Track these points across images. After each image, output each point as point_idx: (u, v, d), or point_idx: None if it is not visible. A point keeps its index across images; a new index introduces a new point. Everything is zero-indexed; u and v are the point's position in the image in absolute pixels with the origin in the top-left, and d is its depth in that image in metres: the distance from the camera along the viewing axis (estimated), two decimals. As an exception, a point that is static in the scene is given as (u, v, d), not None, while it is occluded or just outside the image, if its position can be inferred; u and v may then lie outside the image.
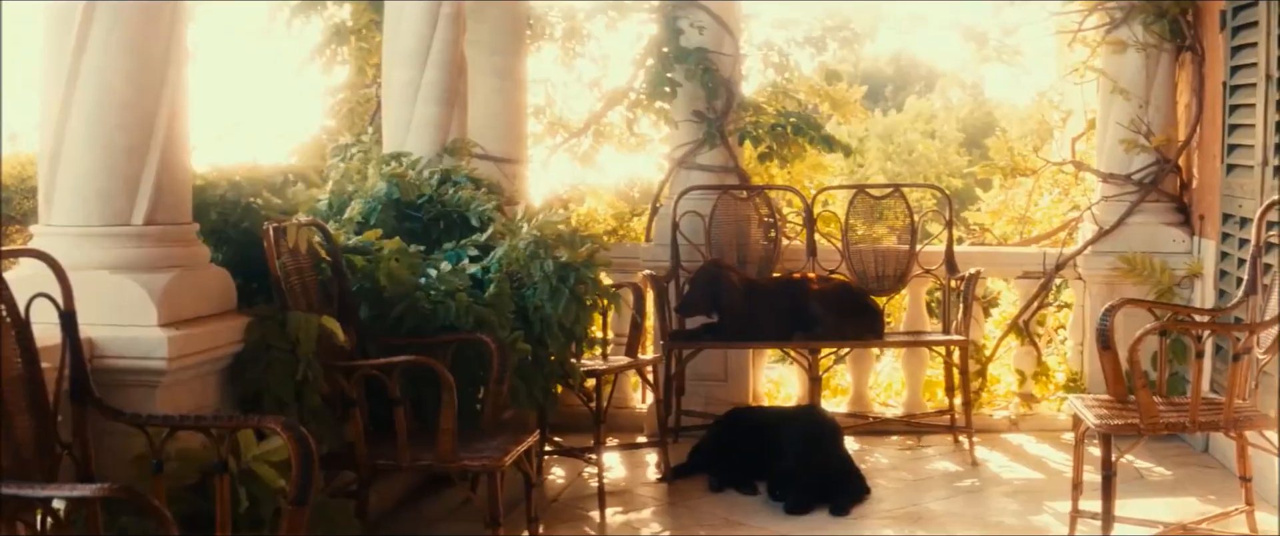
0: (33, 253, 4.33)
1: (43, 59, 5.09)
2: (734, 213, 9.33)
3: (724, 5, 9.67)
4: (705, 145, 9.57)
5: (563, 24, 10.75)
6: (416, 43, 8.13)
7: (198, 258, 5.35)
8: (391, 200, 7.13)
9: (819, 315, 8.52)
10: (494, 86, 9.23)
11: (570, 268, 6.81)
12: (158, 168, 5.08)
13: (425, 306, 6.32)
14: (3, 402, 3.88)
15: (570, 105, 11.04)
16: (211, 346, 5.20)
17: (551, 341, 6.85)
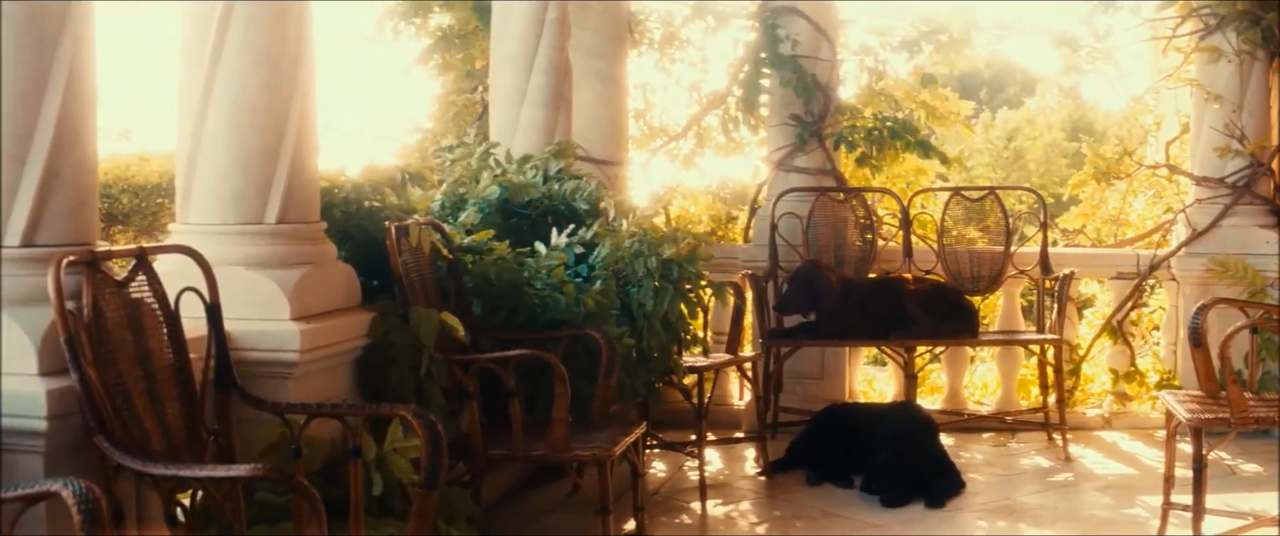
0: (181, 249, 4.59)
1: (180, 66, 5.37)
2: (831, 214, 9.53)
3: (821, 11, 9.86)
4: (803, 149, 9.77)
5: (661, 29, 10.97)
6: (523, 48, 8.37)
7: (326, 255, 5.61)
8: (501, 201, 7.37)
9: (915, 314, 8.69)
10: (596, 91, 9.47)
11: (673, 263, 7.02)
12: (289, 169, 5.34)
13: (533, 302, 6.55)
14: (157, 390, 4.16)
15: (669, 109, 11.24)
16: (339, 340, 5.46)
17: (655, 337, 7.06)
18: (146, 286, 4.29)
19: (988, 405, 9.95)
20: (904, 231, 9.62)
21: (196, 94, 5.29)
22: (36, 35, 3.98)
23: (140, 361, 4.13)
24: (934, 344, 9.01)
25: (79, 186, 4.12)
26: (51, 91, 3.99)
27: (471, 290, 6.49)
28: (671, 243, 7.11)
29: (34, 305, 3.94)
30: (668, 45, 10.94)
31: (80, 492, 3.11)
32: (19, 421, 3.82)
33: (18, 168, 3.96)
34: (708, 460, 8.12)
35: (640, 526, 6.49)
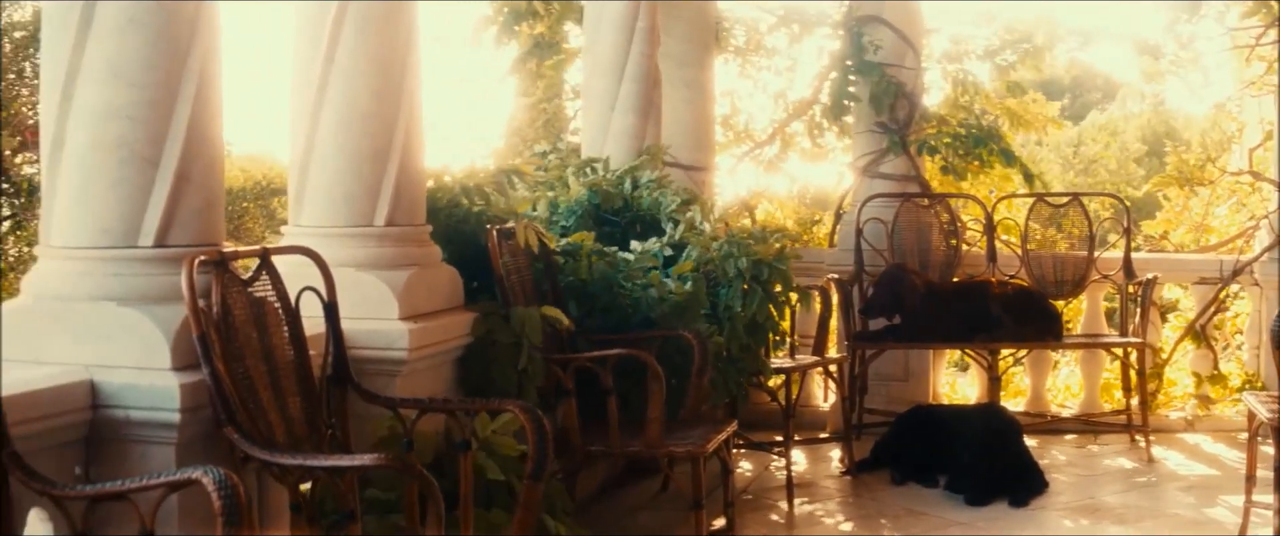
0: (301, 250, 4.74)
1: (293, 73, 5.54)
2: (916, 220, 9.62)
3: (906, 20, 9.96)
4: (887, 155, 9.88)
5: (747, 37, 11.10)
6: (614, 56, 8.52)
7: (431, 257, 5.76)
8: (592, 206, 7.52)
9: (999, 317, 8.76)
10: (684, 97, 9.60)
11: (763, 264, 7.14)
12: (396, 172, 5.49)
13: (626, 303, 6.69)
14: (280, 385, 4.32)
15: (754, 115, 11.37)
16: (444, 339, 5.61)
17: (744, 338, 7.19)
18: (269, 285, 4.45)
19: (1071, 408, 9.99)
20: (988, 236, 9.68)
21: (309, 100, 5.45)
22: (169, 45, 4.13)
23: (264, 357, 4.29)
24: (1018, 347, 9.09)
25: (207, 189, 4.27)
26: (182, 98, 4.14)
27: (566, 291, 6.62)
28: (760, 242, 7.24)
29: (166, 303, 4.08)
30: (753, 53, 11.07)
31: (220, 479, 3.27)
32: (153, 413, 3.96)
33: (151, 171, 4.12)
34: (794, 460, 8.23)
35: (730, 522, 6.60)
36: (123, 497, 3.44)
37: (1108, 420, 9.49)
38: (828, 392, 9.73)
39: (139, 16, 4.10)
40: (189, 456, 4.01)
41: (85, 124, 4.12)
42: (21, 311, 4.16)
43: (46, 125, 4.20)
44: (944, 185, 10.37)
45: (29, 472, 3.45)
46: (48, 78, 4.21)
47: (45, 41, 4.25)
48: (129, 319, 4.05)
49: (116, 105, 4.11)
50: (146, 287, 4.12)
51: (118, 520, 3.65)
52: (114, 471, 3.93)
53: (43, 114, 4.24)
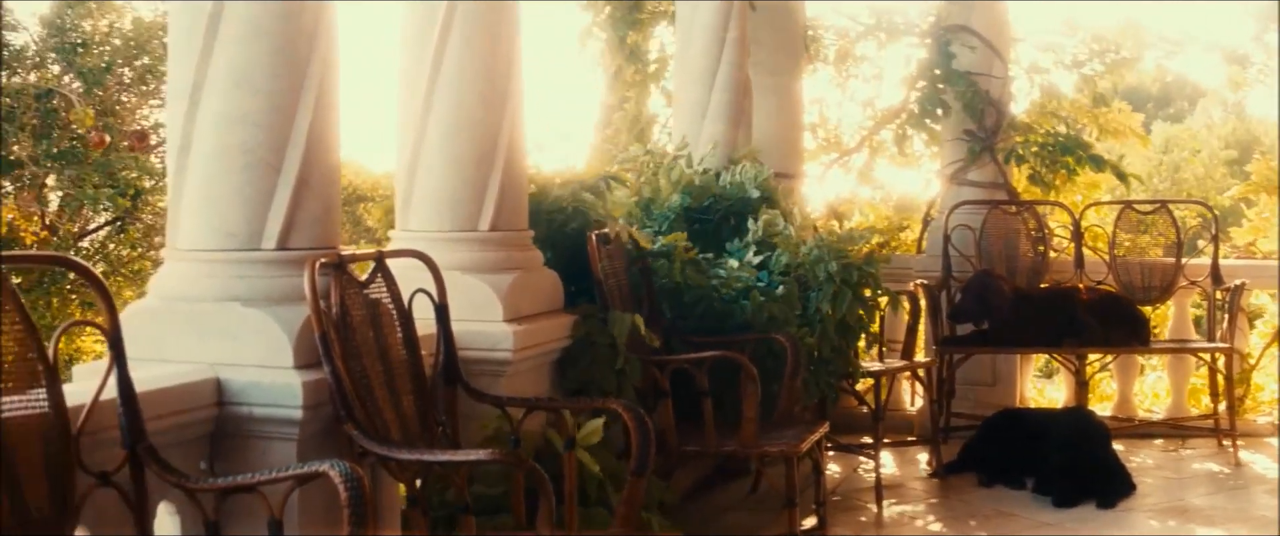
0: (414, 253, 4.86)
1: (400, 81, 5.65)
2: (1003, 227, 9.62)
3: (993, 30, 9.98)
4: (975, 163, 9.90)
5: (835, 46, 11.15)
6: (705, 65, 8.59)
7: (533, 261, 5.86)
8: (683, 208, 7.59)
9: (1086, 322, 8.77)
10: (773, 105, 9.64)
11: (852, 267, 7.19)
12: (501, 178, 5.59)
13: (718, 306, 6.77)
14: (394, 383, 4.43)
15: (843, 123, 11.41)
16: (545, 341, 5.71)
17: (834, 340, 7.24)
18: (383, 287, 4.56)
19: (1158, 413, 9.97)
20: (1075, 243, 9.67)
21: (416, 107, 5.56)
22: (290, 54, 4.25)
23: (380, 356, 4.39)
24: (1105, 351, 9.09)
25: (326, 194, 4.38)
26: (303, 106, 4.26)
27: (660, 294, 6.70)
28: (850, 244, 7.29)
29: (288, 304, 4.19)
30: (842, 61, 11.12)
31: (346, 472, 3.37)
32: (276, 410, 4.07)
33: (274, 177, 4.23)
34: (882, 462, 8.28)
35: (822, 522, 6.66)
36: (252, 490, 3.55)
37: (1195, 424, 9.46)
38: (914, 396, 9.77)
39: (263, 26, 4.21)
40: (308, 452, 4.11)
41: (211, 130, 4.24)
42: (149, 312, 4.28)
43: (173, 132, 4.33)
44: (1030, 192, 10.37)
45: (164, 465, 3.56)
46: (174, 86, 4.33)
47: (172, 51, 4.39)
48: (253, 319, 4.16)
49: (240, 112, 4.22)
50: (269, 289, 4.23)
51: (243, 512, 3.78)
52: (237, 466, 4.04)
53: (169, 121, 4.36)
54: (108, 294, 3.54)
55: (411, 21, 5.64)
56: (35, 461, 3.20)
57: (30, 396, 3.24)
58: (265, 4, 4.21)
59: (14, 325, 3.23)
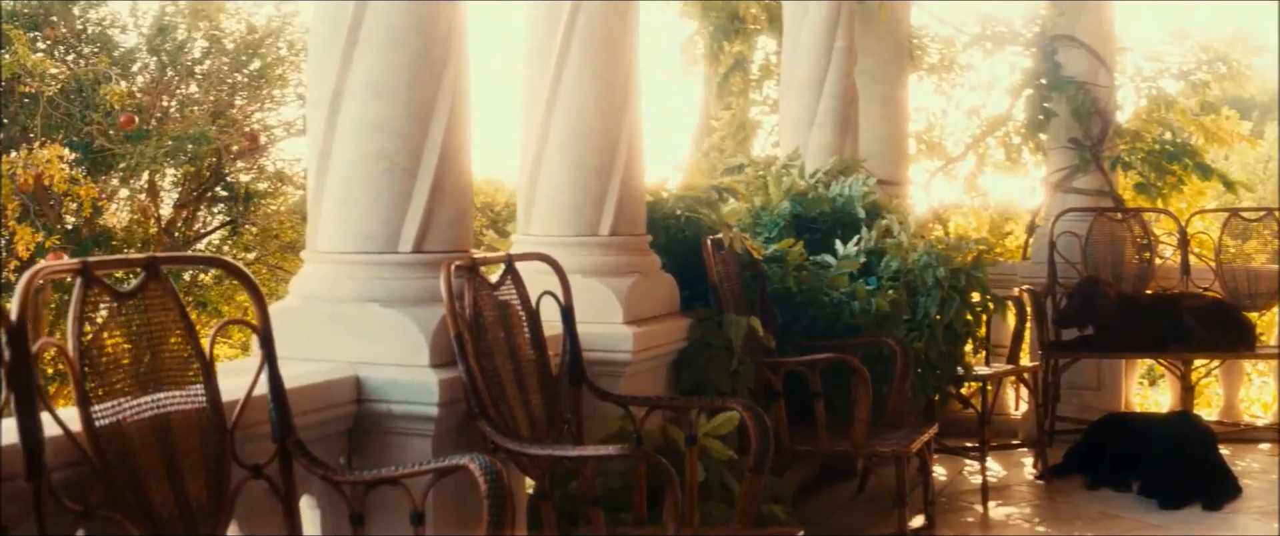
0: (540, 257, 4.95)
1: (523, 91, 5.74)
2: (1109, 234, 9.58)
3: (1100, 39, 9.94)
4: (1080, 171, 9.86)
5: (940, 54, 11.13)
6: (812, 74, 8.64)
7: (651, 265, 5.93)
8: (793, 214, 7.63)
9: (1192, 328, 8.72)
10: (879, 113, 9.67)
11: (960, 272, 7.22)
12: (620, 185, 5.65)
13: (829, 310, 6.81)
14: (524, 382, 4.52)
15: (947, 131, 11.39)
16: (663, 343, 5.78)
17: (942, 345, 7.26)
18: (513, 289, 4.66)
19: (1264, 418, 9.88)
20: (1182, 250, 9.61)
21: (538, 116, 5.64)
22: (426, 64, 4.34)
23: (510, 356, 4.48)
24: (1211, 357, 9.03)
25: (458, 199, 4.48)
26: (438, 114, 4.35)
27: (772, 298, 6.75)
28: (958, 251, 7.31)
29: (424, 305, 4.28)
30: (946, 70, 11.11)
31: (486, 465, 3.46)
32: (413, 407, 4.16)
33: (410, 182, 4.33)
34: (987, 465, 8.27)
35: (930, 521, 6.69)
36: (395, 482, 3.65)
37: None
38: (1018, 401, 9.75)
39: (400, 37, 4.31)
40: (442, 447, 4.19)
41: (350, 138, 4.34)
42: (291, 311, 4.39)
43: (314, 139, 4.44)
44: (1136, 200, 10.31)
45: (312, 459, 3.66)
46: (315, 95, 4.45)
47: (312, 61, 4.50)
48: (391, 319, 4.26)
49: (378, 120, 4.32)
50: (405, 290, 4.32)
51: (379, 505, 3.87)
52: (374, 461, 4.13)
53: (310, 128, 4.48)
54: (260, 294, 3.65)
55: (533, 33, 5.73)
56: (194, 454, 3.30)
57: (190, 392, 3.35)
58: (403, 15, 4.31)
59: (175, 325, 3.35)
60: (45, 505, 2.88)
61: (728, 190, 7.02)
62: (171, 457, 3.22)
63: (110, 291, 3.18)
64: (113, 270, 3.31)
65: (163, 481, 3.18)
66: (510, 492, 3.45)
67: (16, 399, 2.82)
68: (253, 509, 3.63)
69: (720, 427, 5.19)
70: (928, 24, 11.12)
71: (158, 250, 16.43)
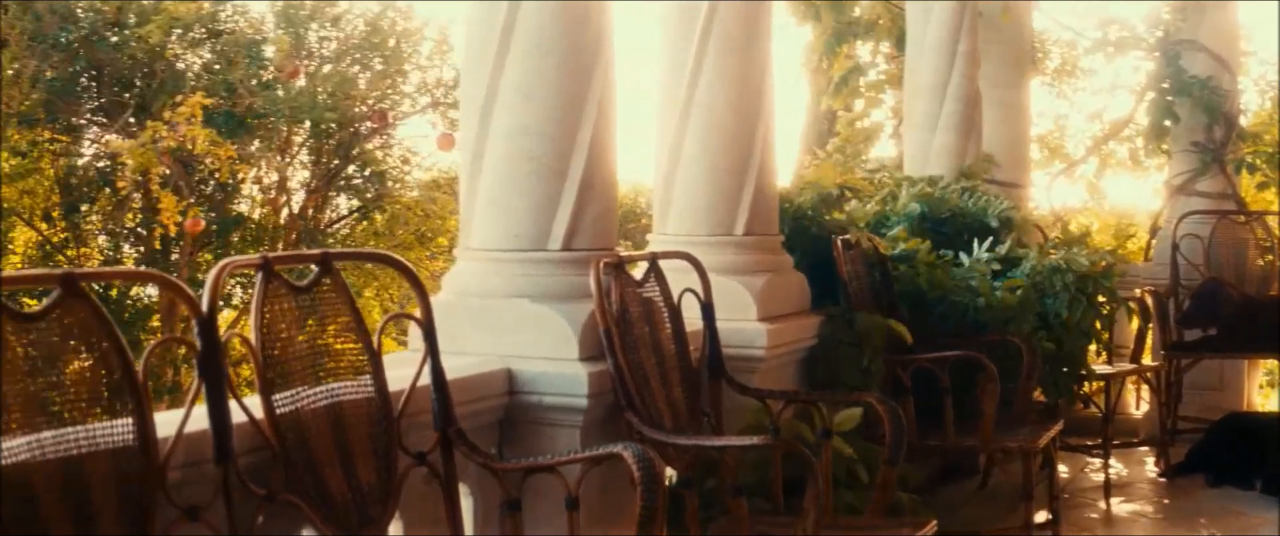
0: (682, 255, 5.00)
1: (659, 94, 5.78)
2: (1232, 236, 9.45)
3: (1222, 43, 9.82)
4: (1203, 174, 9.77)
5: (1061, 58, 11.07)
6: (936, 78, 8.62)
7: (784, 263, 5.96)
8: (921, 216, 7.64)
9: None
10: (1001, 117, 9.60)
11: (1089, 278, 7.18)
12: (754, 185, 5.68)
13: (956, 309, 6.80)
14: (666, 376, 4.57)
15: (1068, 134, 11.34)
16: (795, 339, 5.80)
17: (1069, 344, 7.23)
18: (656, 287, 4.73)
19: (1389, 420, 9.71)
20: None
21: (674, 119, 5.68)
22: (575, 68, 4.41)
23: (654, 350, 4.53)
24: (1336, 357, 8.91)
25: (605, 198, 4.54)
26: (586, 116, 4.42)
27: (899, 297, 6.76)
28: (1088, 257, 7.28)
29: (572, 301, 4.35)
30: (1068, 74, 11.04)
31: (639, 453, 3.51)
32: (563, 399, 4.23)
33: (559, 182, 4.40)
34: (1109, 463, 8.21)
35: (1055, 516, 6.64)
36: (551, 470, 3.72)
37: None
38: (1140, 400, 9.66)
39: (549, 42, 4.39)
40: (590, 438, 4.25)
41: (501, 140, 4.42)
42: (444, 306, 4.45)
43: (466, 141, 4.53)
44: (1259, 201, 10.18)
45: (471, 447, 3.74)
46: (467, 98, 4.54)
47: (465, 67, 4.60)
48: (541, 314, 4.33)
49: (528, 123, 4.40)
50: (554, 287, 4.40)
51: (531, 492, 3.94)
52: (524, 450, 4.20)
53: (463, 131, 4.57)
54: (424, 290, 3.74)
55: (669, 37, 5.77)
56: (364, 441, 3.39)
57: (360, 382, 3.44)
58: (553, 20, 4.39)
59: (346, 318, 3.45)
60: (233, 489, 2.99)
61: (855, 190, 7.02)
62: (344, 444, 3.32)
63: (288, 285, 3.29)
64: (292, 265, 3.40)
65: (337, 467, 3.27)
66: (662, 480, 3.50)
67: (207, 387, 2.93)
68: (408, 495, 3.71)
69: (844, 423, 5.23)
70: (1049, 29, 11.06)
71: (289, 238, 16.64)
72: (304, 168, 17.72)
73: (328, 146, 17.02)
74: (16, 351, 2.54)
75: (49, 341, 2.61)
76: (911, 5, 8.87)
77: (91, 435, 2.63)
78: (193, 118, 12.68)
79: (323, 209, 18.21)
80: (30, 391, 2.55)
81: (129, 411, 2.71)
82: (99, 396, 2.67)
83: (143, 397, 2.73)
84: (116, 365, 2.72)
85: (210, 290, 2.98)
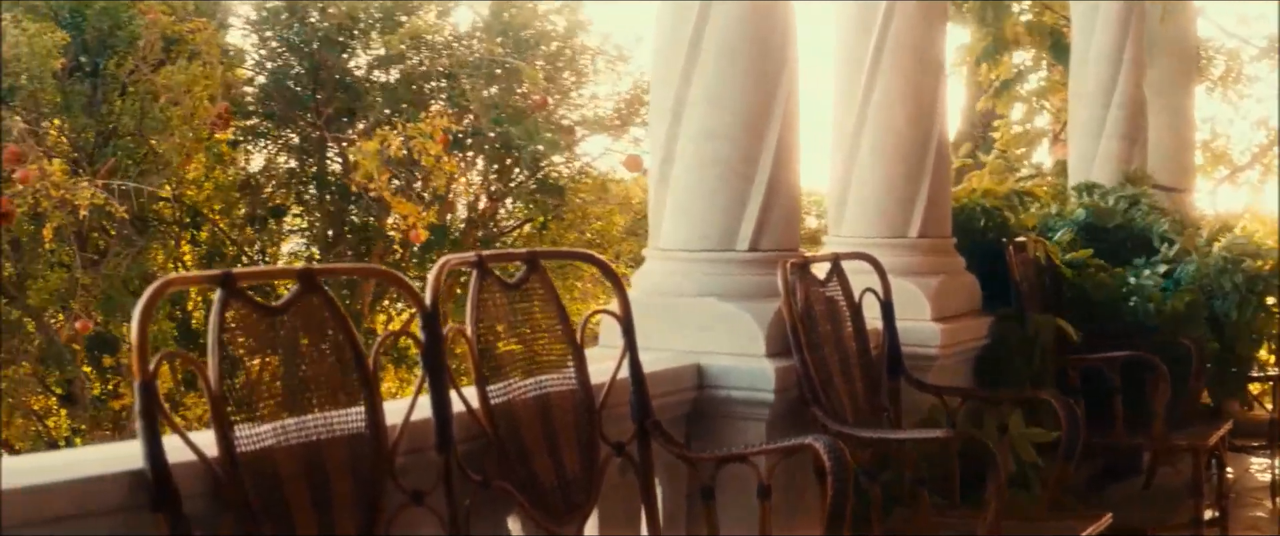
0: (863, 256, 5.00)
1: (835, 99, 5.78)
2: (1400, 237, 9.18)
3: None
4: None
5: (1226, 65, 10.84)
6: (1101, 85, 8.48)
7: (956, 265, 5.90)
8: (1087, 224, 7.53)
9: None
10: (1165, 123, 9.43)
11: (1258, 278, 7.03)
12: (928, 189, 5.64)
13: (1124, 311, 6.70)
14: (849, 372, 4.56)
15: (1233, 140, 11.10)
16: (967, 339, 5.75)
17: (1238, 345, 7.08)
18: (837, 286, 4.73)
19: None
20: None
21: (850, 127, 5.67)
22: (761, 75, 4.42)
23: (836, 347, 4.53)
24: None
25: (789, 201, 4.54)
26: (773, 121, 4.42)
27: (1068, 300, 6.68)
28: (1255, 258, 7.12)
29: (758, 299, 4.35)
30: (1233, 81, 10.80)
31: (829, 444, 3.51)
32: (751, 393, 4.24)
33: (746, 186, 4.41)
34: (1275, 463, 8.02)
35: (1223, 514, 6.52)
36: (743, 460, 3.74)
37: None
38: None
39: (737, 50, 4.40)
40: (774, 431, 4.25)
41: (690, 145, 4.45)
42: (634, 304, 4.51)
43: (656, 146, 4.57)
44: None
45: (667, 438, 3.78)
46: (657, 106, 4.57)
47: (655, 75, 4.63)
48: (729, 312, 4.35)
49: (716, 128, 4.42)
50: (741, 286, 4.41)
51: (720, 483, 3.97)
52: (712, 443, 4.20)
53: (652, 136, 4.61)
54: (623, 287, 3.80)
55: (845, 44, 5.76)
56: (569, 431, 3.44)
57: (564, 375, 3.50)
58: (740, 29, 4.40)
59: (552, 313, 3.51)
60: (453, 475, 3.05)
61: (1028, 193, 6.95)
62: (552, 434, 3.37)
63: (499, 282, 3.35)
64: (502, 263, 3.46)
65: (545, 456, 3.33)
66: (851, 470, 3.50)
67: (431, 377, 3.00)
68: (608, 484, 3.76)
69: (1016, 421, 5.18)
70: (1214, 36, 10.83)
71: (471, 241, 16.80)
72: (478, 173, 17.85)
73: (512, 157, 17.09)
74: (263, 342, 2.63)
75: (291, 333, 2.70)
76: (1076, 12, 8.74)
77: (329, 422, 2.71)
78: (433, 136, 12.83)
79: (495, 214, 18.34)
80: (275, 380, 2.64)
81: (361, 400, 2.79)
82: (334, 385, 2.75)
83: (374, 387, 2.81)
84: (349, 356, 2.80)
85: (432, 286, 3.05)
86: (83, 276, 12.27)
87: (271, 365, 2.63)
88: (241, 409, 2.57)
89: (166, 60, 12.81)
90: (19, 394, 12.78)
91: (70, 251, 12.35)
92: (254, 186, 16.01)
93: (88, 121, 12.73)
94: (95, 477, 2.44)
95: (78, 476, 2.43)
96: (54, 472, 2.44)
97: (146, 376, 2.39)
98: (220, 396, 2.52)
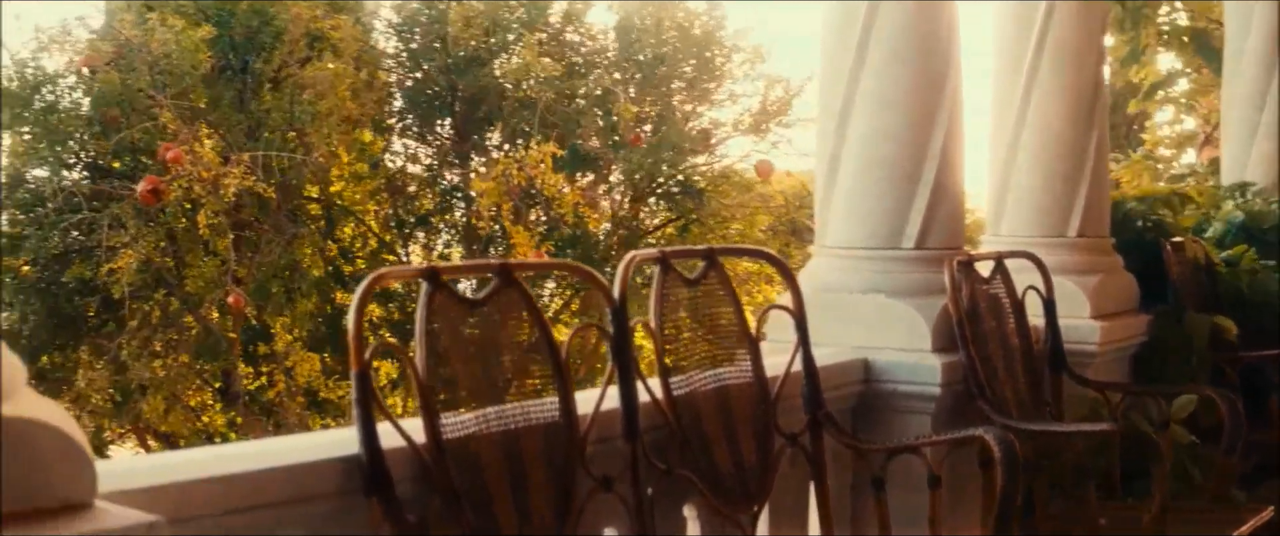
0: (1025, 254, 4.94)
1: (993, 103, 5.72)
2: None
3: None
4: None
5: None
6: (1254, 88, 8.26)
7: (1114, 264, 5.80)
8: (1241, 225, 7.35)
9: None
10: (1320, 124, 9.19)
11: None
12: (1086, 189, 5.56)
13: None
14: (1012, 367, 4.50)
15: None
16: (1124, 337, 5.65)
17: None
18: (1000, 283, 4.67)
19: None
20: None
21: (1008, 127, 5.60)
22: (928, 77, 4.38)
23: (1000, 343, 4.48)
24: None
25: (954, 201, 4.49)
26: (939, 123, 4.39)
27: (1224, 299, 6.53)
28: None
29: (924, 296, 4.32)
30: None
31: (1001, 436, 3.47)
32: (917, 387, 4.22)
33: (912, 186, 4.38)
34: None
35: (1385, 507, 6.34)
36: (915, 451, 3.72)
37: None
38: None
39: (904, 54, 4.37)
40: (939, 424, 4.22)
41: (857, 146, 4.43)
42: (802, 299, 4.53)
43: (823, 147, 4.55)
44: None
45: (838, 429, 3.77)
46: (825, 108, 4.56)
47: (823, 78, 4.62)
48: (895, 308, 4.32)
49: (883, 129, 4.40)
50: (907, 283, 4.38)
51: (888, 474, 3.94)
52: (877, 435, 4.19)
53: (819, 137, 4.59)
54: (796, 284, 3.79)
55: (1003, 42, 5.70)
56: (746, 422, 3.44)
57: (740, 367, 3.50)
58: (906, 33, 4.37)
59: (728, 307, 3.51)
60: (639, 463, 3.07)
61: (1185, 195, 6.81)
62: (730, 425, 3.37)
63: (681, 278, 3.37)
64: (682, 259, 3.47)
65: (723, 445, 3.33)
66: (1020, 460, 3.45)
67: (619, 370, 3.02)
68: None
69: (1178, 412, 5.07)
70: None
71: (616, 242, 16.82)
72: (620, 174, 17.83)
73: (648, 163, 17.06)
74: (464, 334, 2.67)
75: (490, 325, 2.73)
76: (1230, 14, 8.53)
77: (526, 411, 2.74)
78: (542, 163, 12.92)
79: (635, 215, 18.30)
80: (476, 370, 2.68)
81: (555, 390, 2.82)
82: (531, 376, 2.79)
83: (566, 378, 2.84)
84: (543, 347, 2.83)
85: (620, 281, 3.07)
86: (237, 267, 12.41)
87: (472, 355, 2.67)
88: (446, 397, 2.61)
89: (311, 56, 12.96)
90: (176, 386, 12.91)
91: (225, 242, 12.48)
92: (398, 186, 16.13)
93: (238, 116, 12.86)
94: (312, 463, 2.50)
95: (297, 462, 2.49)
96: (275, 458, 2.50)
97: (362, 365, 2.44)
98: (428, 385, 2.56)
